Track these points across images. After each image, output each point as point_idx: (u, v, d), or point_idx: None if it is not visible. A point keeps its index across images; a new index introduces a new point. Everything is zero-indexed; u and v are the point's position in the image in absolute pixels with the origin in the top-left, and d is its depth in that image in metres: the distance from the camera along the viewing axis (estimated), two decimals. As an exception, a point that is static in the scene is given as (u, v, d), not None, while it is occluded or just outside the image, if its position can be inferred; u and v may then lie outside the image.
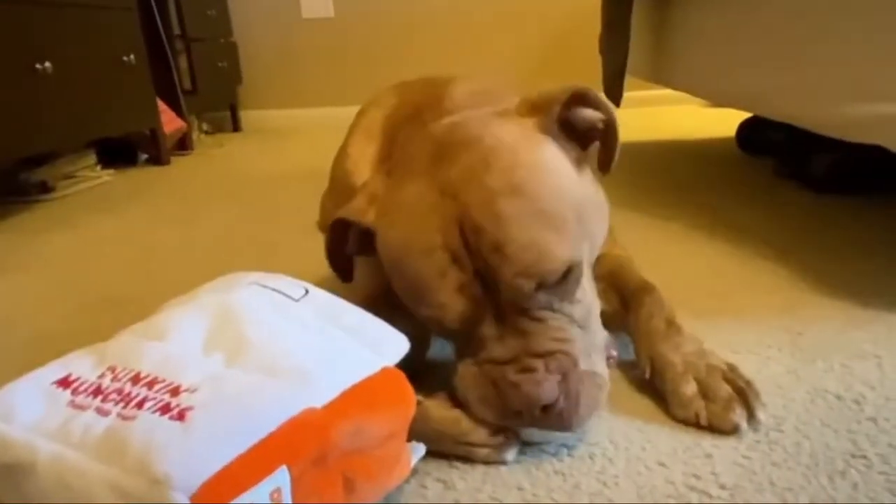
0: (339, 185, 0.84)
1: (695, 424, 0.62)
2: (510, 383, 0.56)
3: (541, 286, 0.57)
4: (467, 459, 0.59)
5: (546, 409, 0.55)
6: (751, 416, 0.61)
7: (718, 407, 0.61)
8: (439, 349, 0.80)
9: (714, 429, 0.61)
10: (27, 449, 0.42)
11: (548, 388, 0.55)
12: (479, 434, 0.59)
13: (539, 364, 0.56)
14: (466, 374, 0.60)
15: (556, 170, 0.62)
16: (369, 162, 0.81)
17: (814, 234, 1.17)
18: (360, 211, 0.67)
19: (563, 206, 0.59)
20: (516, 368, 0.56)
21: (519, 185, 0.58)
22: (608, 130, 0.67)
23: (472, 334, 0.59)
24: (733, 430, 0.60)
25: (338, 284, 0.83)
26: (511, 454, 0.59)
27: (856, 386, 0.68)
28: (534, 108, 0.65)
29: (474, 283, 0.58)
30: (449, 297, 0.58)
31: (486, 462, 0.59)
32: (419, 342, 0.76)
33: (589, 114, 0.67)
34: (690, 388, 0.63)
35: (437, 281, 0.58)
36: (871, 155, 1.03)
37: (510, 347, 0.57)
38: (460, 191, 0.58)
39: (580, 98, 0.66)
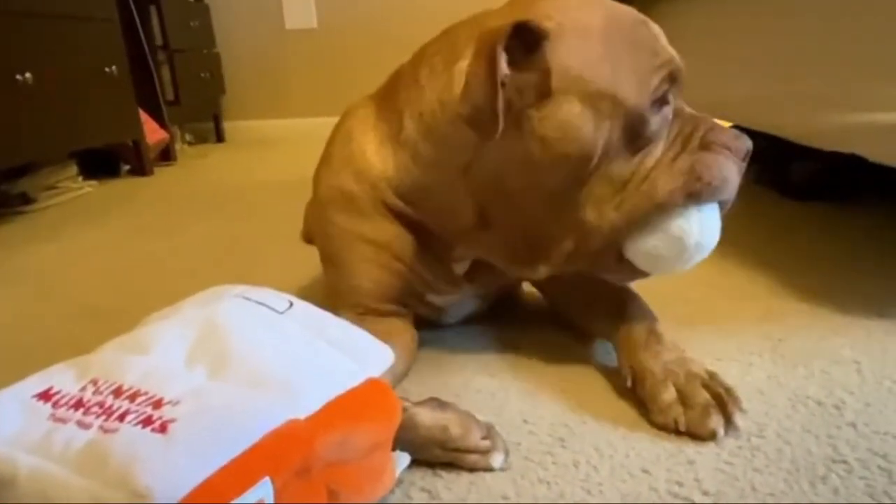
0: (343, 160, 0.79)
1: (674, 430, 0.62)
2: (731, 134, 0.66)
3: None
4: (453, 468, 0.59)
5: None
6: (728, 422, 0.61)
7: (696, 413, 0.62)
8: (432, 352, 0.80)
9: (692, 435, 0.62)
10: (7, 462, 0.41)
11: None
12: (468, 440, 0.59)
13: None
14: (697, 157, 0.64)
15: None
16: (379, 140, 0.77)
17: (794, 242, 1.18)
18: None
19: None
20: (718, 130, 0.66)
21: None
22: None
23: (672, 117, 0.66)
24: (711, 436, 0.61)
25: (323, 296, 0.83)
26: (498, 460, 0.59)
27: (836, 391, 0.69)
28: None
29: None
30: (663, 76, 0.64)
31: (474, 469, 0.59)
32: (407, 349, 0.76)
33: None
34: (669, 395, 0.64)
35: (660, 39, 0.67)
36: (849, 164, 1.04)
37: (699, 118, 0.68)
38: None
39: None
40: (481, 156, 0.68)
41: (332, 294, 0.83)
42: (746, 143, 0.66)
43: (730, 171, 0.64)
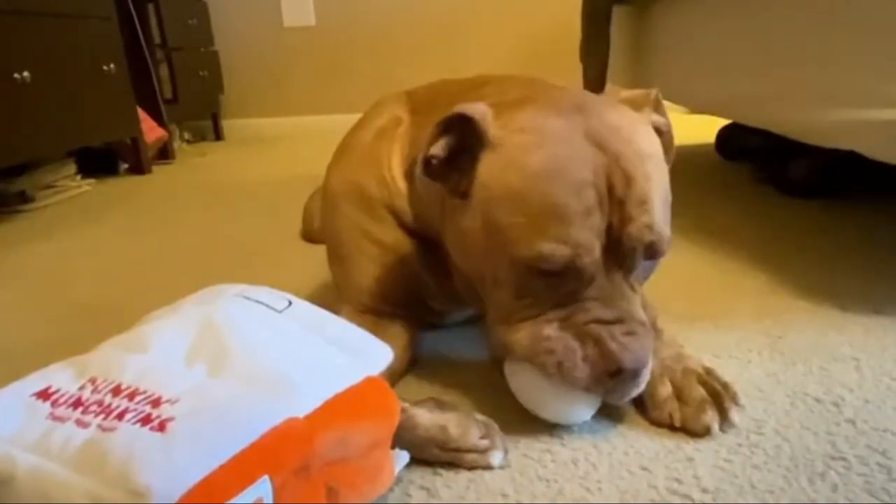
0: (370, 160, 0.80)
1: (669, 426, 0.63)
2: (621, 344, 0.57)
3: (658, 252, 0.60)
4: (451, 466, 0.59)
5: (634, 373, 0.58)
6: (724, 418, 0.62)
7: (691, 409, 0.62)
8: (431, 351, 0.80)
9: (687, 430, 0.62)
10: (6, 461, 0.41)
11: (647, 353, 0.59)
12: (467, 439, 0.59)
13: (640, 329, 0.59)
14: (559, 336, 0.59)
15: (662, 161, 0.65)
16: (403, 154, 0.78)
17: (792, 239, 1.18)
18: (478, 113, 0.61)
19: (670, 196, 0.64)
20: (623, 330, 0.58)
21: (656, 155, 0.62)
22: (666, 136, 0.70)
23: (574, 291, 0.59)
24: (705, 432, 0.61)
25: (322, 295, 0.83)
26: (497, 458, 0.59)
27: (835, 389, 0.69)
28: (634, 105, 0.67)
29: (604, 234, 0.58)
30: (589, 239, 0.57)
31: (473, 468, 0.59)
32: (406, 348, 0.76)
33: (657, 118, 0.69)
34: (665, 391, 0.64)
35: (582, 219, 0.57)
36: (846, 160, 1.04)
37: (616, 309, 0.59)
38: (609, 143, 0.59)
39: (658, 103, 0.69)
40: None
41: (335, 287, 0.83)
42: (628, 364, 0.57)
43: (576, 370, 0.58)
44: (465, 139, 0.62)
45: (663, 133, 0.69)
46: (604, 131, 0.59)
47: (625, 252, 0.58)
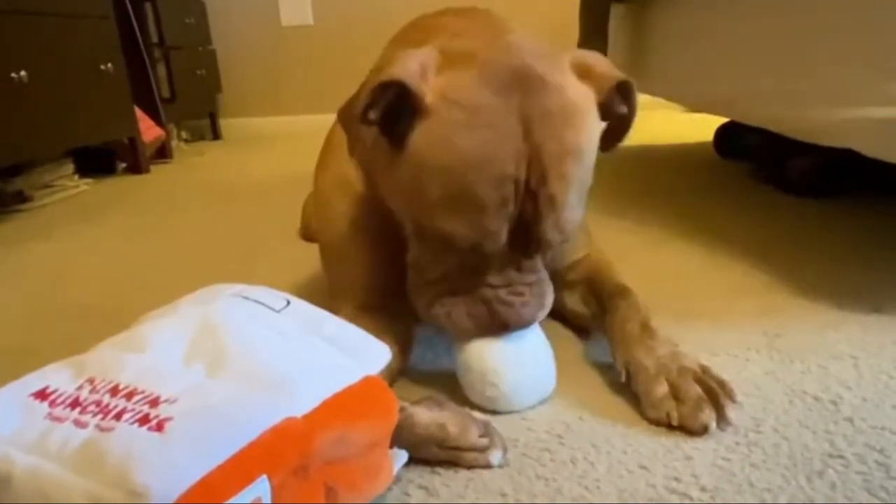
0: (338, 147, 0.81)
1: (666, 425, 0.62)
2: (504, 302, 0.66)
3: (562, 244, 0.67)
4: (450, 465, 0.59)
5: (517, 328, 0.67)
6: (721, 415, 0.61)
7: (688, 407, 0.62)
8: (426, 355, 0.80)
9: (684, 429, 0.62)
10: (4, 461, 0.41)
11: (532, 310, 0.67)
12: (466, 438, 0.59)
13: (526, 290, 0.67)
14: (452, 300, 0.68)
15: (595, 144, 0.67)
16: None
17: (790, 238, 1.18)
18: (414, 76, 0.61)
19: (591, 178, 0.66)
20: (509, 292, 0.66)
21: (582, 151, 0.63)
22: (625, 122, 0.70)
23: (480, 262, 0.65)
24: (703, 430, 0.61)
25: (321, 294, 0.83)
26: (496, 457, 0.59)
27: (833, 387, 0.69)
28: (586, 74, 0.66)
29: (514, 220, 0.62)
30: (500, 227, 0.62)
31: (471, 466, 0.59)
32: (405, 347, 0.76)
33: (619, 108, 0.69)
34: (661, 390, 0.64)
35: (497, 209, 0.61)
36: (845, 159, 1.04)
37: (506, 276, 0.66)
38: (537, 130, 0.60)
39: (626, 90, 0.68)
40: None
41: (331, 287, 0.83)
42: (512, 322, 0.66)
43: (462, 322, 0.67)
44: (401, 97, 0.61)
45: (624, 119, 0.70)
46: (536, 117, 0.60)
47: (529, 242, 0.64)
